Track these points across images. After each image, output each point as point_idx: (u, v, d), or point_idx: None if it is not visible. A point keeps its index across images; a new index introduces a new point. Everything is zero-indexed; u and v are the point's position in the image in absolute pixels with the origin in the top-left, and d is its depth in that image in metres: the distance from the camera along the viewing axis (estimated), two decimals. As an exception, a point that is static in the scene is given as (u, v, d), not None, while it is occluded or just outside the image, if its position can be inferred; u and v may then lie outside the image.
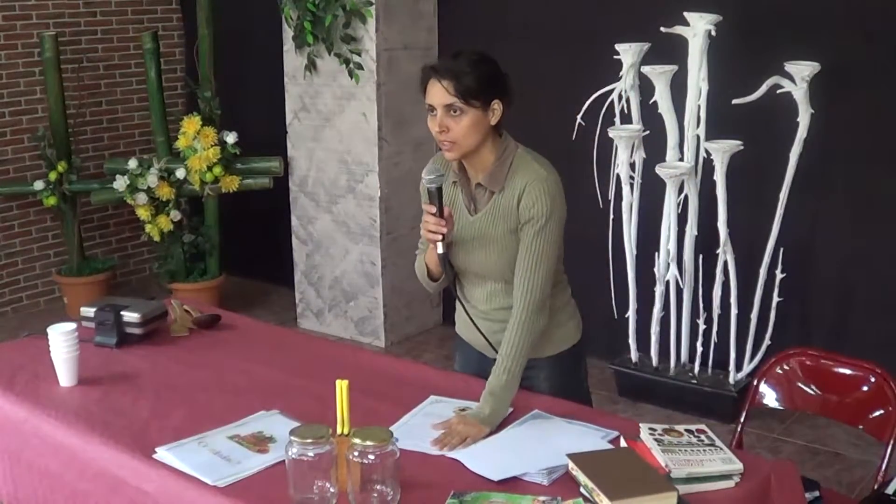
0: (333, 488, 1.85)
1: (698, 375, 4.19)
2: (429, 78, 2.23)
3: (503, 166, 2.29)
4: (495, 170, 2.29)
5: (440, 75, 2.20)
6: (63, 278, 5.53)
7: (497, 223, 2.30)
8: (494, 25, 4.77)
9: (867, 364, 2.51)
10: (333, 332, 5.16)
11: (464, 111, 2.20)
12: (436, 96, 2.21)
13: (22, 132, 5.48)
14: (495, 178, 2.29)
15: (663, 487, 1.80)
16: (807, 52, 3.76)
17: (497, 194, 2.30)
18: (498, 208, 2.30)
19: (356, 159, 4.90)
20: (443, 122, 2.21)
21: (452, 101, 2.19)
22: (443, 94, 2.20)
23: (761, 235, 3.94)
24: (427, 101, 2.24)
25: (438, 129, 2.22)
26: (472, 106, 2.20)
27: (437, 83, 2.21)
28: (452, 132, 2.21)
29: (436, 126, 2.23)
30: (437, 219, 2.23)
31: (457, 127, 2.21)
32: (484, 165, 2.31)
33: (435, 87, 2.21)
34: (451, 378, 2.57)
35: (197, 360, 2.63)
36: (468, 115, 2.20)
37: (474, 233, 2.33)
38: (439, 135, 2.23)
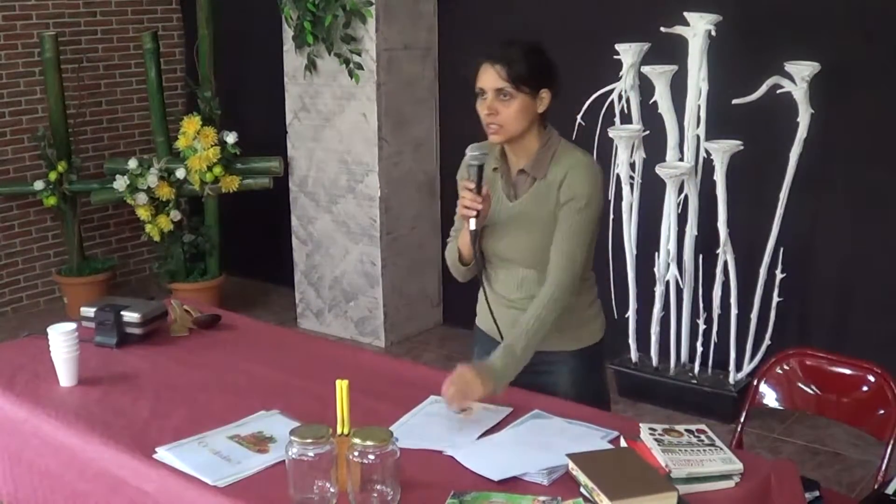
0: (333, 488, 1.85)
1: (698, 375, 4.19)
2: (482, 62, 2.30)
3: (547, 154, 2.35)
4: (539, 157, 2.35)
5: (494, 60, 2.27)
6: (63, 278, 5.53)
7: (539, 206, 2.34)
8: (494, 25, 4.77)
9: (867, 364, 2.51)
10: (333, 332, 5.16)
11: (513, 96, 2.27)
12: (488, 80, 2.28)
13: (22, 132, 5.48)
14: (539, 164, 2.35)
15: (663, 487, 1.80)
16: (807, 52, 3.76)
17: (539, 181, 2.35)
18: (540, 193, 2.34)
19: (356, 159, 4.90)
20: (492, 105, 2.28)
21: (503, 85, 2.27)
22: (495, 78, 2.27)
23: (761, 235, 3.94)
24: (478, 84, 2.31)
25: (487, 112, 2.29)
26: (522, 92, 2.27)
27: (490, 67, 2.28)
28: (501, 116, 2.28)
29: (485, 109, 2.29)
30: (474, 194, 2.27)
31: (505, 111, 2.28)
32: (527, 153, 2.36)
33: (487, 71, 2.28)
34: (451, 378, 2.57)
35: (197, 360, 2.63)
36: (517, 100, 2.27)
37: (513, 218, 2.37)
38: (487, 117, 2.30)
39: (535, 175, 2.35)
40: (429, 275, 5.22)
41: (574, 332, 2.46)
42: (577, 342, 2.48)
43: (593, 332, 2.52)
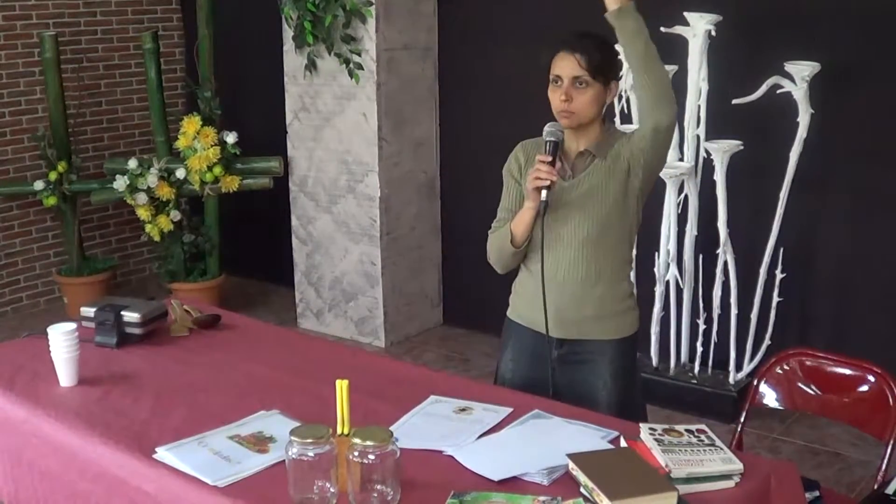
0: (333, 488, 1.85)
1: (698, 375, 4.19)
2: (559, 50, 2.39)
3: (611, 139, 2.45)
4: (604, 140, 2.45)
5: (573, 49, 2.37)
6: (63, 278, 5.53)
7: (600, 182, 2.41)
8: (494, 25, 4.77)
9: (867, 364, 2.51)
10: (333, 332, 5.16)
11: (589, 84, 2.37)
12: (566, 68, 2.37)
13: (22, 132, 5.48)
14: (602, 147, 2.44)
15: (663, 487, 1.80)
16: (807, 52, 3.76)
17: (599, 160, 2.42)
18: (600, 170, 2.42)
19: (356, 159, 4.90)
20: (569, 91, 2.36)
21: (581, 73, 2.36)
22: (574, 65, 2.36)
23: (761, 235, 3.94)
24: (554, 72, 2.40)
25: (564, 98, 2.36)
26: (598, 81, 2.37)
27: (569, 55, 2.37)
28: (575, 103, 2.37)
29: (561, 95, 2.36)
30: (550, 167, 2.32)
31: (580, 98, 2.37)
32: (590, 137, 2.45)
33: (566, 59, 2.37)
34: (451, 378, 2.57)
35: (197, 360, 2.63)
36: (592, 88, 2.37)
37: (571, 197, 2.42)
38: (563, 103, 2.37)
39: (597, 154, 2.43)
40: (429, 275, 5.22)
41: (615, 321, 2.50)
42: (618, 332, 2.51)
43: (633, 323, 2.56)
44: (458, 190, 5.08)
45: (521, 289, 2.56)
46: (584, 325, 2.47)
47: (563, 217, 2.42)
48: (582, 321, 2.47)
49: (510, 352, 2.60)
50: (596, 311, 2.47)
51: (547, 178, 2.32)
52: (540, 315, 2.43)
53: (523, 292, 2.56)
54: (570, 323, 2.46)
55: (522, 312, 2.57)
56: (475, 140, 4.89)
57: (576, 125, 2.41)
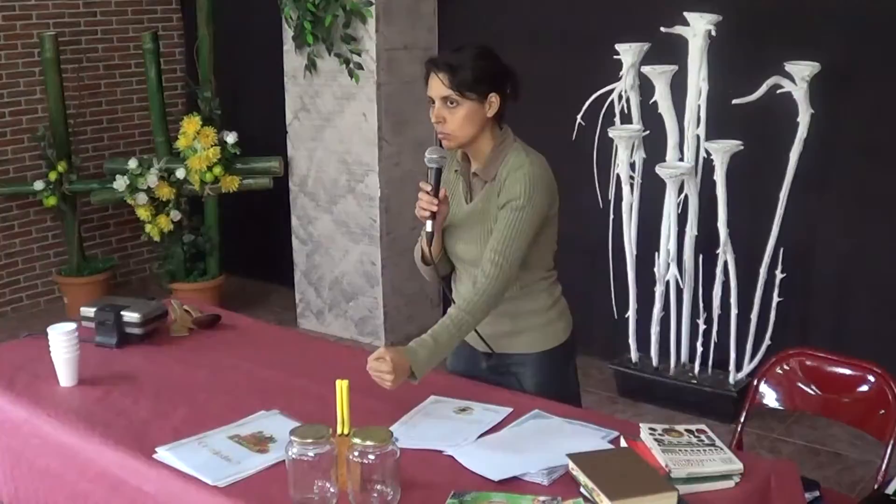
0: (333, 488, 1.85)
1: (698, 375, 4.19)
2: (429, 71, 2.32)
3: (498, 158, 2.36)
4: (490, 161, 2.37)
5: (438, 68, 2.30)
6: (63, 278, 5.53)
7: (489, 210, 2.36)
8: (494, 25, 4.77)
9: (867, 364, 2.51)
10: (333, 332, 5.16)
11: (459, 103, 2.29)
12: (434, 88, 2.31)
13: (22, 132, 5.48)
14: (489, 168, 2.37)
15: (663, 487, 1.80)
16: (807, 52, 3.76)
17: (489, 184, 2.37)
18: (490, 196, 2.36)
19: (356, 159, 4.90)
20: (439, 113, 2.31)
21: (448, 93, 2.28)
22: (439, 86, 2.29)
23: (761, 235, 3.94)
24: (427, 93, 2.33)
25: (435, 120, 2.31)
26: (468, 98, 2.28)
27: (434, 76, 2.30)
28: (448, 123, 2.30)
29: (433, 117, 2.32)
30: (430, 196, 2.30)
31: (452, 118, 2.30)
32: (482, 156, 2.38)
33: (433, 79, 2.31)
34: (451, 378, 2.57)
35: (197, 360, 2.63)
36: (463, 107, 2.29)
37: (470, 221, 2.39)
38: (436, 125, 2.32)
39: (484, 178, 2.37)
40: (429, 275, 5.21)
41: (534, 334, 2.45)
42: (540, 344, 2.46)
43: (556, 334, 2.49)
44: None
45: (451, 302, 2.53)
46: (501, 340, 2.45)
47: (460, 238, 2.41)
48: (499, 336, 2.44)
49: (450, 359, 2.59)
50: (511, 327, 2.43)
51: (428, 207, 2.29)
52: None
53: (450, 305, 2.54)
54: (488, 338, 2.44)
55: None
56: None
57: (456, 146, 2.34)
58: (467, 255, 2.42)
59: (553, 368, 2.49)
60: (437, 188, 2.30)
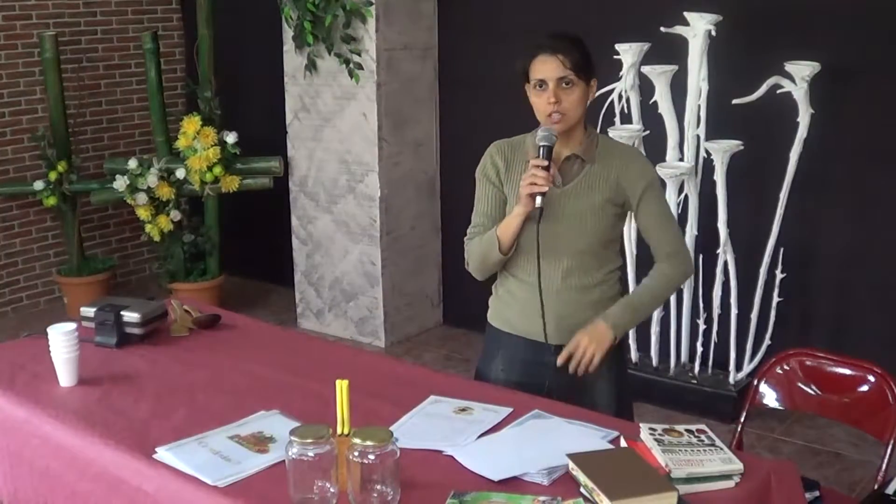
0: (333, 488, 1.85)
1: (698, 375, 4.19)
2: (540, 53, 2.33)
3: (592, 141, 2.43)
4: (588, 143, 2.41)
5: (554, 50, 2.31)
6: (63, 278, 5.53)
7: (594, 192, 2.38)
8: (494, 25, 4.77)
9: (867, 364, 2.51)
10: (333, 332, 5.16)
11: (575, 84, 2.32)
12: (549, 70, 2.32)
13: (22, 132, 5.48)
14: (589, 150, 2.41)
15: (663, 487, 1.80)
16: (807, 52, 3.76)
17: (590, 165, 2.40)
18: (593, 179, 2.39)
19: (356, 159, 4.90)
20: (556, 93, 2.31)
21: (566, 73, 2.31)
22: (558, 67, 2.31)
23: (761, 235, 3.94)
24: (536, 76, 2.34)
25: (552, 100, 2.31)
26: (582, 80, 2.33)
27: (552, 56, 2.31)
28: (564, 104, 2.33)
29: (551, 97, 2.32)
30: (546, 172, 2.29)
31: (568, 99, 2.33)
32: (575, 140, 2.41)
33: (549, 60, 2.32)
34: (451, 378, 2.57)
35: (197, 360, 2.63)
36: (578, 88, 2.33)
37: (562, 204, 2.38)
38: (552, 106, 2.32)
39: (585, 158, 2.40)
40: (429, 275, 5.22)
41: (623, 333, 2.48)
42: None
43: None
44: (458, 190, 5.06)
45: (510, 298, 2.50)
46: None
47: (557, 224, 2.37)
48: (580, 327, 2.42)
49: (500, 361, 2.54)
50: (595, 316, 2.42)
51: (544, 183, 2.28)
52: (535, 324, 2.41)
53: (512, 301, 2.50)
54: (570, 330, 2.41)
55: (513, 321, 2.51)
56: (475, 140, 4.86)
57: (567, 127, 2.35)
58: (559, 240, 2.38)
59: (621, 359, 2.58)
60: (549, 165, 2.31)
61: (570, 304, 2.42)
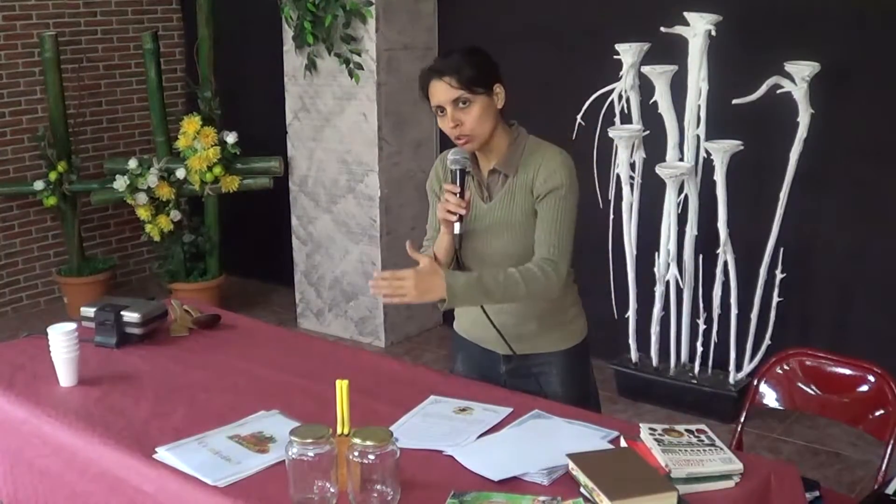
0: (333, 488, 1.85)
1: (698, 375, 4.19)
2: (429, 80, 2.29)
3: (517, 151, 2.35)
4: (510, 154, 2.35)
5: (440, 73, 2.26)
6: (63, 278, 5.53)
7: (515, 205, 2.34)
8: (494, 25, 4.77)
9: (867, 364, 2.51)
10: (333, 332, 5.16)
11: (471, 101, 2.26)
12: (441, 94, 2.27)
13: (22, 132, 5.48)
14: (510, 161, 2.34)
15: (663, 487, 1.80)
16: (807, 52, 3.76)
17: (512, 178, 2.34)
18: (514, 191, 2.34)
19: (356, 159, 4.90)
20: (455, 116, 2.27)
21: (458, 93, 2.25)
22: (446, 90, 2.26)
23: (761, 235, 3.94)
24: (433, 102, 2.30)
25: (452, 125, 2.27)
26: (478, 93, 2.26)
27: (439, 81, 2.26)
28: (466, 124, 2.28)
29: (449, 122, 2.28)
30: (459, 199, 2.27)
31: (468, 118, 2.27)
32: (498, 151, 2.36)
33: (438, 85, 2.27)
34: (451, 378, 2.57)
35: (197, 360, 2.63)
36: (476, 103, 2.27)
37: (491, 220, 2.36)
38: (454, 130, 2.28)
39: (506, 172, 2.35)
40: (429, 275, 5.21)
41: (561, 332, 2.48)
42: (565, 342, 2.48)
43: (578, 331, 2.52)
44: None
45: (463, 308, 2.51)
46: (528, 341, 2.45)
47: (486, 239, 2.37)
48: (525, 336, 2.45)
49: (461, 363, 2.61)
50: (538, 326, 2.44)
51: (457, 210, 2.27)
52: (484, 332, 2.44)
53: (464, 311, 2.53)
54: (514, 339, 2.44)
55: (467, 329, 2.57)
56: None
57: (477, 146, 2.31)
58: (493, 255, 2.38)
59: (576, 366, 2.51)
60: (463, 190, 2.28)
61: (511, 314, 2.40)
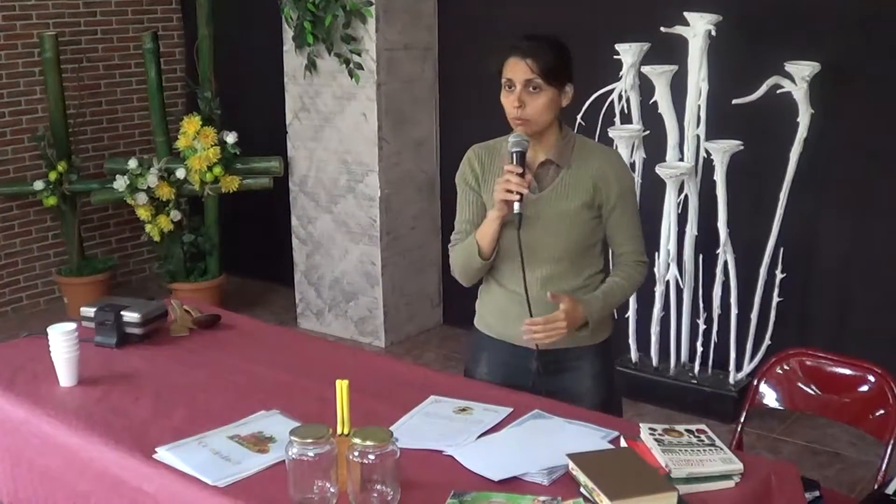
0: (333, 488, 1.85)
1: (698, 375, 4.19)
2: (509, 55, 2.30)
3: (568, 146, 2.39)
4: (562, 148, 2.38)
5: (524, 53, 2.28)
6: (63, 278, 5.53)
7: (570, 198, 2.36)
8: (494, 25, 4.77)
9: (867, 364, 2.51)
10: (333, 332, 5.16)
11: (543, 89, 2.29)
12: (518, 72, 2.29)
13: (22, 132, 5.48)
14: (563, 154, 2.38)
15: (663, 487, 1.80)
16: (807, 52, 3.76)
17: (565, 171, 2.37)
18: (569, 184, 2.36)
19: (356, 159, 4.90)
20: (522, 97, 2.29)
21: (533, 78, 2.27)
22: (525, 70, 2.28)
23: (761, 235, 3.94)
24: (506, 76, 2.31)
25: (517, 104, 2.29)
26: (551, 85, 2.29)
27: (521, 60, 2.29)
28: (528, 109, 2.30)
29: (515, 101, 2.29)
30: (521, 178, 2.27)
31: (534, 103, 2.30)
32: (547, 144, 2.38)
33: (518, 63, 2.29)
34: (451, 378, 2.57)
35: (197, 360, 2.63)
36: (546, 93, 2.30)
37: (542, 209, 2.36)
38: (515, 109, 2.30)
39: (560, 164, 2.37)
40: (429, 275, 5.22)
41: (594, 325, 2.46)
42: (595, 336, 2.48)
43: (608, 323, 2.54)
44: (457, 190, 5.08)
45: (493, 304, 2.50)
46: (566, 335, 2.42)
47: (536, 231, 2.35)
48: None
49: (485, 365, 2.54)
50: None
51: (518, 189, 2.26)
52: (514, 328, 2.38)
53: (495, 307, 2.50)
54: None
55: (496, 327, 2.51)
56: (475, 140, 4.86)
57: (532, 131, 2.32)
58: (537, 247, 2.36)
59: (606, 359, 2.54)
60: (524, 170, 2.29)
61: (552, 308, 2.37)
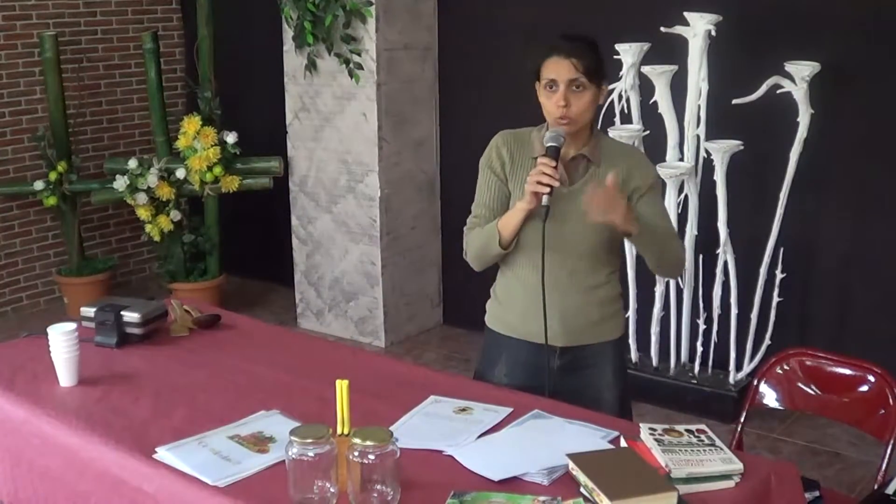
0: (333, 488, 1.85)
1: (698, 375, 4.19)
2: (551, 55, 2.33)
3: (598, 143, 2.44)
4: (594, 145, 2.42)
5: (567, 53, 2.31)
6: (63, 278, 5.53)
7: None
8: (494, 25, 4.77)
9: (867, 364, 2.51)
10: (333, 332, 5.16)
11: (586, 88, 2.32)
12: (562, 72, 2.31)
13: (22, 132, 5.48)
14: (595, 151, 2.42)
15: (663, 487, 1.80)
16: (807, 52, 3.76)
17: (596, 167, 2.41)
18: (599, 179, 2.37)
19: (356, 159, 4.90)
20: (566, 96, 2.31)
21: (578, 77, 2.30)
22: (570, 69, 2.31)
23: (761, 235, 3.94)
24: (548, 76, 2.33)
25: (562, 104, 2.31)
26: (593, 83, 2.33)
27: (565, 60, 2.31)
28: (573, 108, 2.32)
29: (559, 100, 2.31)
30: (554, 169, 2.28)
31: (578, 102, 2.33)
32: (581, 140, 2.41)
33: (562, 63, 2.31)
34: (451, 378, 2.57)
35: (197, 360, 2.63)
36: (589, 92, 2.33)
37: (573, 203, 2.36)
38: (560, 108, 2.32)
39: (593, 160, 2.40)
40: (429, 275, 5.22)
41: (613, 321, 2.52)
42: (617, 331, 2.53)
43: (623, 322, 2.58)
44: (458, 190, 5.07)
45: (510, 300, 2.50)
46: (587, 331, 2.46)
47: (563, 224, 2.36)
48: (586, 327, 2.45)
49: (503, 366, 2.53)
50: (599, 316, 2.46)
51: (550, 182, 2.27)
52: (535, 326, 2.38)
53: (512, 304, 2.49)
54: (574, 330, 2.43)
55: (514, 324, 2.50)
56: (475, 140, 4.86)
57: (574, 130, 2.35)
58: (567, 240, 2.38)
59: (622, 356, 2.59)
60: (557, 164, 2.31)
61: (576, 304, 2.43)
